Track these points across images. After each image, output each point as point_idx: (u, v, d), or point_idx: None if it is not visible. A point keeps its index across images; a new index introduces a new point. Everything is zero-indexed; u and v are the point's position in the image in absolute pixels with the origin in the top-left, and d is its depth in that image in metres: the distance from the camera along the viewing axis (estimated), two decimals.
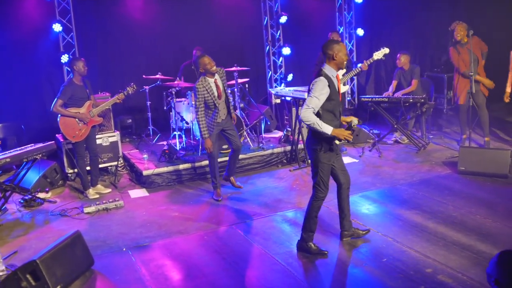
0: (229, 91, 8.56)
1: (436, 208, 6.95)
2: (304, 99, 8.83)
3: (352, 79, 13.20)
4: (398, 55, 10.34)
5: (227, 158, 8.23)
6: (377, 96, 10.24)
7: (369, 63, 9.34)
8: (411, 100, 9.64)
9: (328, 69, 5.57)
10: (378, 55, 9.23)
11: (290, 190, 8.05)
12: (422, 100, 9.63)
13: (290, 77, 11.99)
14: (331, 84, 5.44)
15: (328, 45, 5.59)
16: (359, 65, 9.41)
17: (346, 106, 13.14)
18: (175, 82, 9.82)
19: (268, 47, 12.02)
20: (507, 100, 8.92)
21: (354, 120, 5.69)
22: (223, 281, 5.35)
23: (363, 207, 7.21)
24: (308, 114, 5.33)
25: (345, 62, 5.70)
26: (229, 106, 7.65)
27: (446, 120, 11.41)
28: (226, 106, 7.61)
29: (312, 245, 5.85)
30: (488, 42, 9.51)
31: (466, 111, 9.27)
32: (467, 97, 9.14)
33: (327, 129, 5.36)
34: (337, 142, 5.51)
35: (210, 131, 7.48)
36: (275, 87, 11.90)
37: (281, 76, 12.10)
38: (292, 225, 6.71)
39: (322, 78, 5.43)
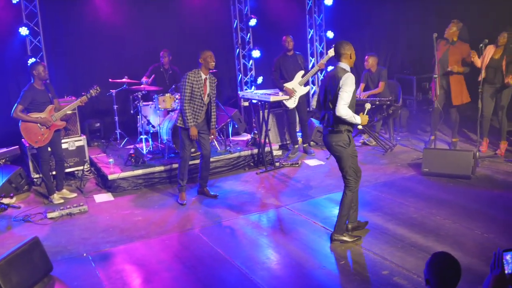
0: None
1: (398, 210, 7.02)
2: (269, 102, 8.88)
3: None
4: (366, 57, 10.40)
5: (196, 161, 8.26)
6: None
7: (325, 61, 9.46)
8: (377, 102, 9.71)
9: (346, 66, 5.84)
10: (332, 51, 9.30)
11: (255, 193, 8.06)
12: (388, 102, 9.72)
13: (260, 79, 12.00)
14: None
15: (344, 45, 5.88)
16: (316, 65, 9.52)
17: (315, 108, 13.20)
18: (142, 80, 9.79)
19: (238, 50, 12.02)
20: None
21: (368, 105, 6.13)
22: (181, 286, 5.35)
23: (327, 209, 7.26)
24: (346, 109, 5.68)
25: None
26: (208, 114, 7.64)
27: (415, 122, 11.50)
28: (206, 111, 7.61)
29: (347, 235, 6.20)
30: None
31: (437, 113, 9.35)
32: (440, 97, 9.23)
33: (358, 119, 5.79)
34: (359, 127, 6.06)
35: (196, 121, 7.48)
36: (246, 90, 11.91)
37: (251, 79, 12.11)
38: (254, 228, 6.72)
39: (350, 74, 5.74)
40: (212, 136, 7.82)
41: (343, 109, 5.65)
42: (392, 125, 10.45)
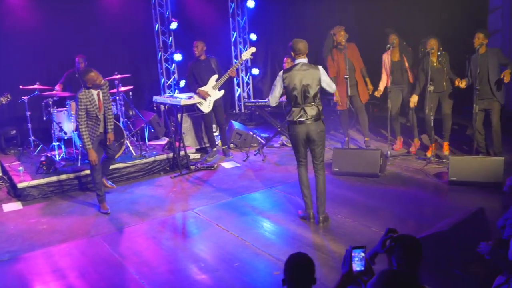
0: (113, 107, 8.63)
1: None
2: (180, 106, 8.87)
3: (247, 84, 13.34)
4: (285, 58, 10.52)
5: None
6: (260, 100, 10.39)
7: (237, 66, 9.55)
8: None
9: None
10: (245, 55, 9.44)
11: (165, 198, 8.04)
12: None
13: (182, 83, 11.99)
14: None
15: (305, 43, 6.67)
16: (228, 72, 9.53)
17: (242, 111, 13.27)
18: (56, 87, 9.63)
19: (160, 53, 11.97)
20: (378, 95, 9.34)
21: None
22: None
23: (233, 211, 7.29)
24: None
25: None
26: (106, 121, 7.56)
27: (335, 122, 11.65)
28: (104, 119, 7.53)
29: None
30: (372, 45, 9.90)
31: (346, 114, 9.57)
32: (347, 100, 9.43)
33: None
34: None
35: (92, 142, 7.35)
36: (169, 93, 11.86)
37: (174, 82, 12.08)
38: (157, 233, 6.70)
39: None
40: (109, 140, 7.68)
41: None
42: None
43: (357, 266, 3.39)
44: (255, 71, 13.05)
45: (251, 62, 13.06)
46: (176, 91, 11.90)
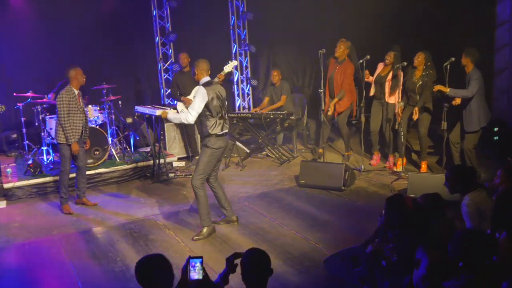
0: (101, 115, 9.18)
1: (252, 220, 7.43)
2: (155, 115, 9.28)
3: (248, 94, 13.68)
4: (271, 71, 10.88)
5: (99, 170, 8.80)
6: (243, 112, 10.73)
7: (222, 78, 9.85)
8: (271, 116, 10.14)
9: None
10: (228, 67, 9.71)
11: (133, 203, 8.46)
12: (281, 116, 10.14)
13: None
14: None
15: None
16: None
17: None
18: (49, 95, 10.19)
19: (160, 64, 12.47)
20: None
21: None
22: None
23: (190, 218, 7.64)
24: None
25: None
26: (83, 127, 8.09)
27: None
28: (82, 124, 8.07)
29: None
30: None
31: (325, 126, 9.80)
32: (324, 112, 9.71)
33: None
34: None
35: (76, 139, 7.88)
36: (168, 102, 12.31)
37: None
38: (111, 235, 7.14)
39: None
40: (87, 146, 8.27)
41: None
42: (295, 137, 10.81)
43: (196, 275, 3.74)
44: (255, 82, 13.39)
45: (251, 74, 13.41)
46: (176, 101, 12.36)
